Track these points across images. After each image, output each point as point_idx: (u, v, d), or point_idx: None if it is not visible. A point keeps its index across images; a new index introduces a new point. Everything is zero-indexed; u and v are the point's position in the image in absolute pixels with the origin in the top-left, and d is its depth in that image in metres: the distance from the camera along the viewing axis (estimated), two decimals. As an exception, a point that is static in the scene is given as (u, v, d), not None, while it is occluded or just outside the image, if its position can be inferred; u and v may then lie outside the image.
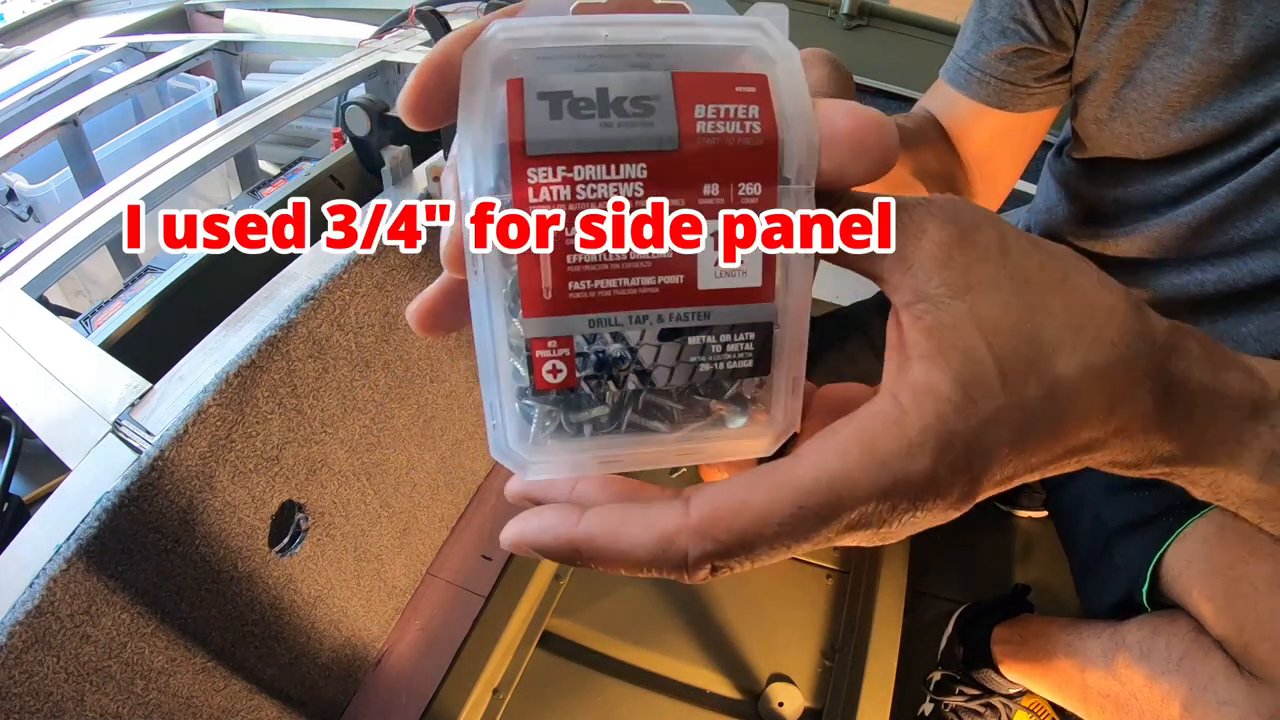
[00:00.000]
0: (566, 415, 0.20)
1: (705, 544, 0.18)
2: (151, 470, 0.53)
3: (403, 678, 0.88)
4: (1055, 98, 0.58)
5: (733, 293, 0.19)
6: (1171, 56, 0.48)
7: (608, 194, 0.18)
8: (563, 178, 0.18)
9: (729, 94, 0.18)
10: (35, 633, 0.48)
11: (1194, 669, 0.53)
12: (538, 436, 0.20)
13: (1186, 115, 0.50)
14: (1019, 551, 1.04)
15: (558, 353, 0.19)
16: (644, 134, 0.18)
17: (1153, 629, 0.57)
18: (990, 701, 0.81)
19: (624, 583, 0.97)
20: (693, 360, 0.20)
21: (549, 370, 0.19)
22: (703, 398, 0.21)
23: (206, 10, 1.80)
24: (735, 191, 0.18)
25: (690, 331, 0.19)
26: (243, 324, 0.63)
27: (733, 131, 0.18)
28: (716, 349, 0.19)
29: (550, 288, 0.18)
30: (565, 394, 0.19)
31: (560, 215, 0.18)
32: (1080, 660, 0.63)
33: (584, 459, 0.20)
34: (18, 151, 1.07)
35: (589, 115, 0.18)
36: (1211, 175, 0.52)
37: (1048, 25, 0.54)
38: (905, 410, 0.18)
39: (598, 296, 0.18)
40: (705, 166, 0.18)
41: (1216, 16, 0.45)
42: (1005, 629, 0.81)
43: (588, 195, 0.18)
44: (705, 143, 0.18)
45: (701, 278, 0.19)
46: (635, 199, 0.18)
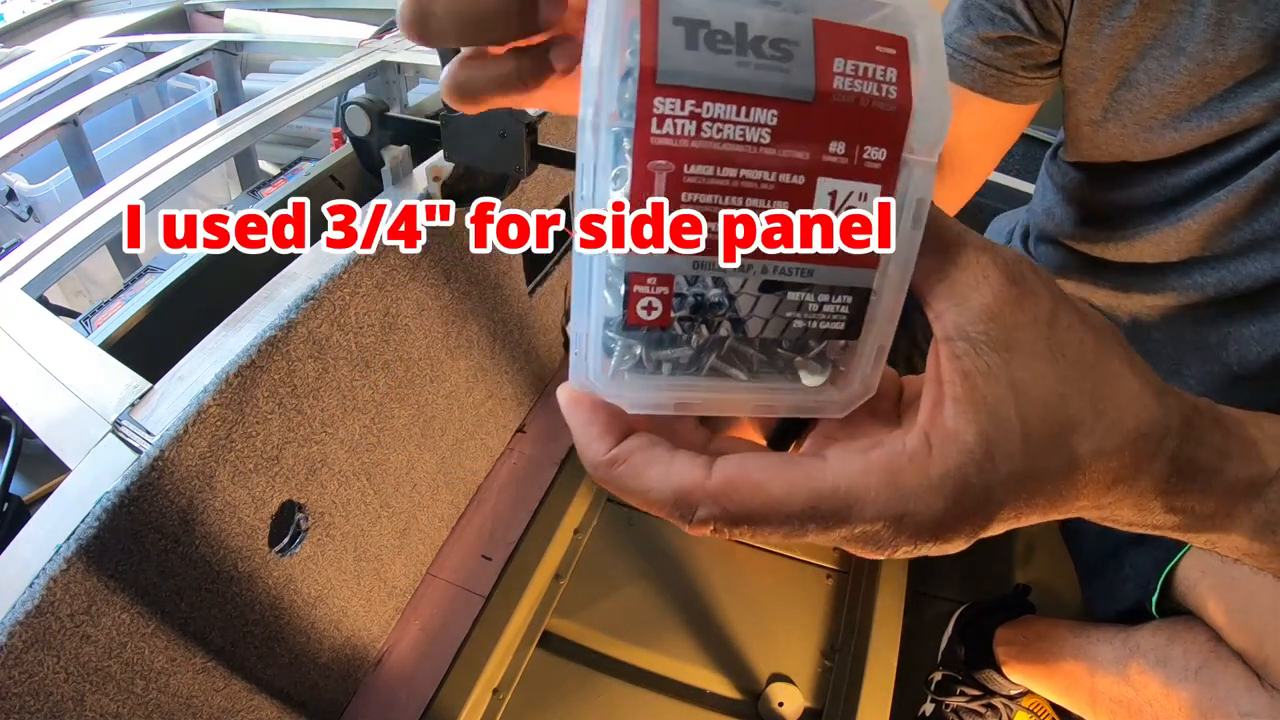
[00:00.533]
0: (648, 352, 0.20)
1: (715, 509, 0.19)
2: (151, 470, 0.53)
3: (403, 678, 0.88)
4: (1040, 92, 0.57)
5: (839, 255, 0.19)
6: (1167, 58, 0.48)
7: (733, 136, 0.17)
8: (690, 112, 0.17)
9: (869, 52, 0.18)
10: (35, 633, 0.48)
11: (1213, 679, 0.52)
12: (616, 369, 0.20)
13: (1182, 117, 0.50)
14: (1019, 551, 1.04)
15: (656, 290, 0.19)
16: (781, 80, 0.17)
17: (1169, 636, 0.57)
18: (992, 702, 0.81)
19: (624, 583, 0.97)
20: (788, 315, 0.20)
21: (644, 306, 0.19)
22: (785, 352, 0.21)
23: (206, 10, 1.80)
24: (861, 154, 0.18)
25: (791, 287, 0.19)
26: (243, 324, 0.63)
27: (868, 93, 0.18)
28: (813, 307, 0.20)
29: (660, 217, 0.18)
30: (653, 331, 0.19)
31: (681, 150, 0.17)
32: (1089, 664, 0.63)
33: (659, 397, 0.20)
34: (18, 151, 1.07)
35: (726, 50, 0.17)
36: (1210, 177, 0.51)
37: (1036, 14, 0.52)
38: (932, 452, 0.19)
39: (685, 234, 0.18)
40: (836, 124, 0.18)
41: (1212, 18, 0.45)
42: (1009, 630, 0.81)
43: (712, 134, 0.17)
44: (840, 100, 0.17)
45: (815, 237, 0.19)
46: (761, 145, 0.17)
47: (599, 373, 0.20)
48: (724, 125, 0.17)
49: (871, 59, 0.18)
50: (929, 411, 0.20)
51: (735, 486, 0.19)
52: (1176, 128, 0.50)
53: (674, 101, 0.17)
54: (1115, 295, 0.62)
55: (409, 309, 0.79)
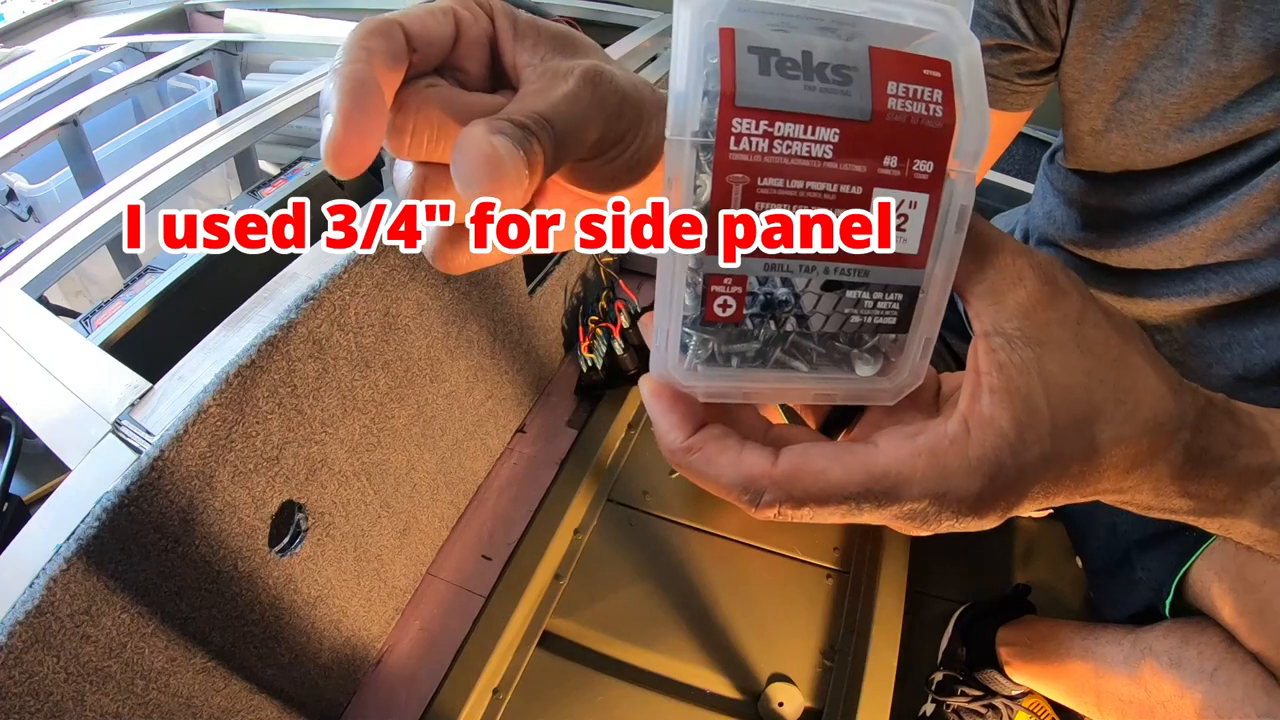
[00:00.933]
0: (720, 346, 0.22)
1: (780, 493, 0.21)
2: (151, 470, 0.53)
3: (403, 678, 0.88)
4: (1034, 99, 0.57)
5: (891, 256, 0.21)
6: (1170, 68, 0.48)
7: (801, 152, 0.19)
8: (764, 131, 0.19)
9: (918, 75, 0.20)
10: (35, 633, 0.48)
11: (1229, 680, 0.52)
12: (691, 362, 0.22)
13: (1186, 127, 0.49)
14: (1019, 551, 1.04)
15: (731, 290, 0.21)
16: (842, 102, 0.19)
17: (1182, 638, 0.56)
18: (993, 703, 0.81)
19: (624, 583, 0.97)
20: (846, 311, 0.22)
21: (720, 305, 0.21)
22: (842, 345, 0.23)
23: (206, 10, 1.80)
24: (911, 167, 0.20)
25: (849, 286, 0.21)
26: (243, 324, 0.63)
27: (917, 112, 0.20)
28: (868, 304, 0.22)
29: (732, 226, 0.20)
30: (726, 327, 0.22)
31: (755, 164, 0.19)
32: (1096, 664, 0.63)
33: (729, 386, 0.23)
34: (18, 151, 1.07)
35: (794, 76, 0.19)
36: (1214, 185, 0.51)
37: (1033, 23, 0.53)
38: (971, 436, 0.21)
39: (773, 239, 0.20)
40: (890, 141, 0.20)
41: (1215, 28, 0.45)
42: (1011, 630, 0.81)
43: (783, 151, 0.19)
44: (893, 119, 0.20)
45: (876, 238, 0.21)
46: (824, 160, 0.19)
47: (677, 365, 0.22)
48: (793, 142, 0.19)
49: (920, 81, 0.20)
50: (968, 400, 0.22)
51: (799, 473, 0.21)
52: (1180, 138, 0.50)
53: (750, 121, 0.19)
54: (1119, 300, 0.62)
55: (409, 309, 0.79)
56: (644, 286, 1.38)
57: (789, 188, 0.19)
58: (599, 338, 1.15)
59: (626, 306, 1.17)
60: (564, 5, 1.52)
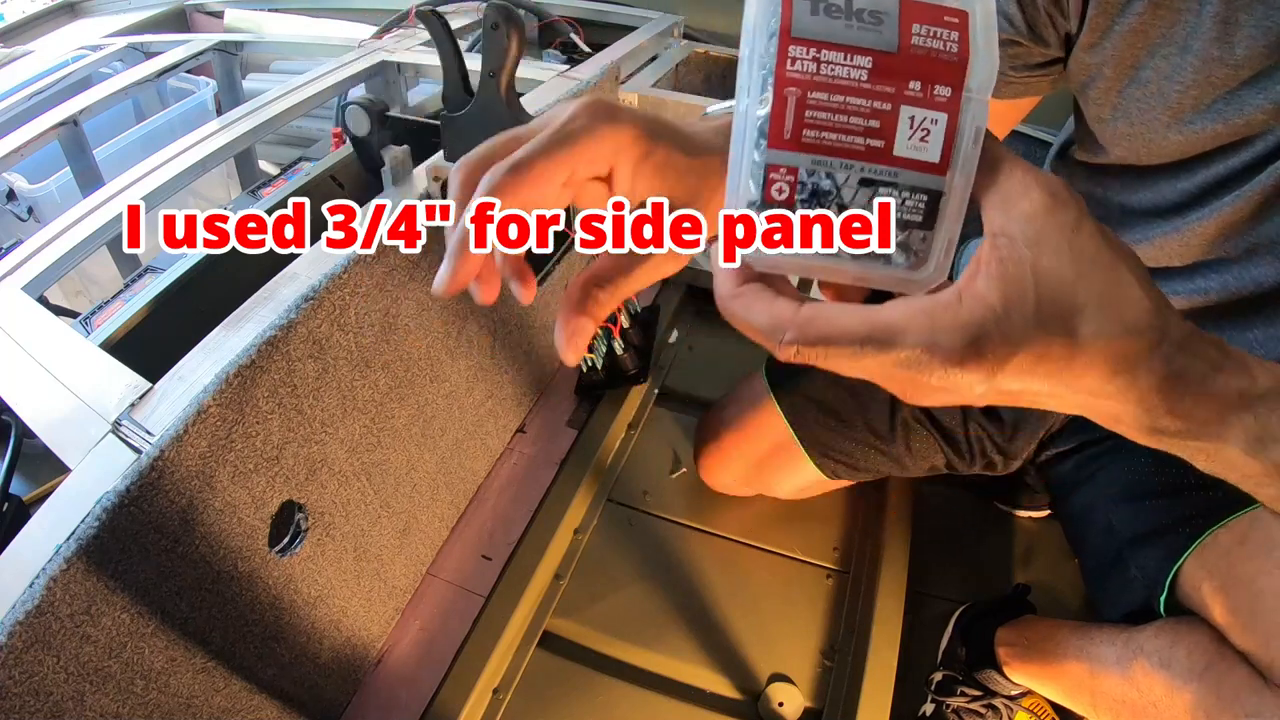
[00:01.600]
0: None
1: (797, 334, 0.26)
2: (151, 470, 0.53)
3: (403, 678, 0.88)
4: (1033, 89, 0.58)
5: (917, 163, 0.26)
6: (1175, 56, 0.48)
7: (841, 75, 0.25)
8: (812, 57, 0.25)
9: (939, 20, 0.25)
10: (35, 633, 0.48)
11: (1219, 680, 0.52)
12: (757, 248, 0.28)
13: (1187, 117, 0.50)
14: (1019, 552, 1.04)
15: (785, 178, 0.26)
16: (874, 38, 0.25)
17: (1172, 637, 0.56)
18: (992, 703, 0.81)
19: (624, 583, 0.97)
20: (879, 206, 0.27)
21: (775, 189, 0.26)
22: None
23: (206, 10, 1.80)
24: (931, 91, 0.25)
25: (882, 184, 0.26)
26: (243, 324, 0.63)
27: (936, 48, 0.25)
28: (898, 202, 0.26)
29: (790, 131, 0.26)
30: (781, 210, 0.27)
31: (805, 82, 0.25)
32: (1091, 664, 0.63)
33: (780, 261, 0.28)
34: (18, 151, 1.07)
35: (837, 17, 0.25)
36: (1215, 183, 0.51)
37: (1029, 18, 0.53)
38: (962, 303, 0.25)
39: (821, 144, 0.26)
40: (913, 69, 0.25)
41: (1219, 17, 0.45)
42: (1010, 630, 0.81)
43: (827, 73, 0.25)
44: (915, 52, 0.25)
45: (897, 147, 0.26)
46: (860, 82, 0.25)
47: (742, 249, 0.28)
48: (835, 66, 0.25)
49: (940, 25, 0.25)
50: (966, 279, 0.26)
51: (815, 318, 0.26)
52: (1181, 129, 0.50)
53: (802, 49, 0.25)
54: None
55: (409, 309, 0.79)
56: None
57: (832, 100, 0.25)
58: (599, 338, 1.15)
59: (627, 306, 1.17)
60: (564, 5, 1.52)
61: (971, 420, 0.83)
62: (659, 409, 1.20)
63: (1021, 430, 0.81)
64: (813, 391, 0.88)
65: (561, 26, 1.49)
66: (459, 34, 1.35)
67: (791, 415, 0.89)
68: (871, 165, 0.26)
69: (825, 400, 0.87)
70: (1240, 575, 0.54)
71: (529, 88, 1.04)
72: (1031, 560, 1.02)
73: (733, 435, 0.95)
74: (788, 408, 0.89)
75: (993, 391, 0.26)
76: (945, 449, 0.85)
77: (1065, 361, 0.26)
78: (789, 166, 0.26)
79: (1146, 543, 0.61)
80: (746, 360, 1.05)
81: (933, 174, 0.26)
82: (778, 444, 0.91)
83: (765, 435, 0.92)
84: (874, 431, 0.86)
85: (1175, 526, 0.59)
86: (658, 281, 1.48)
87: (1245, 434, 0.29)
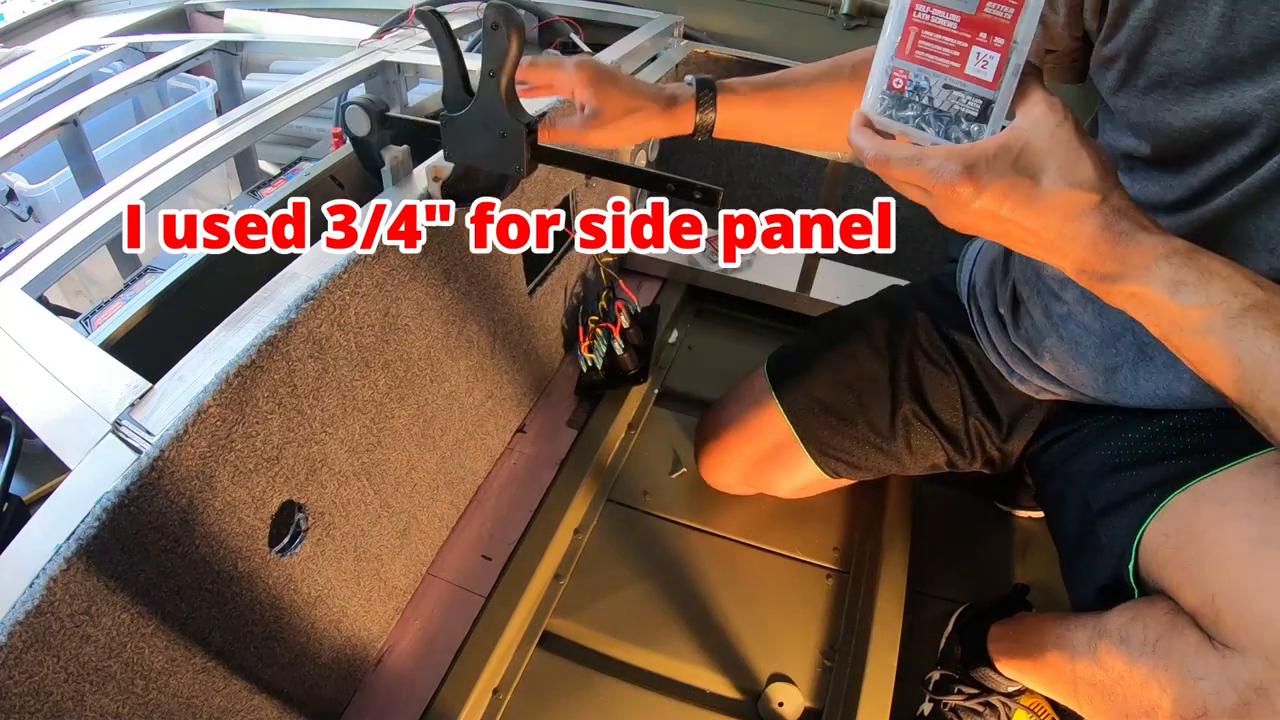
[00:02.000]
0: (895, 110, 0.49)
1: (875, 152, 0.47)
2: (151, 470, 0.53)
3: (403, 678, 0.88)
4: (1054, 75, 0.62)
5: (978, 80, 0.45)
6: (1182, 52, 0.50)
7: (941, 23, 0.45)
8: (927, 10, 0.45)
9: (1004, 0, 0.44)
10: (35, 633, 0.48)
11: (1168, 649, 0.52)
12: (879, 108, 0.50)
13: (1190, 106, 0.51)
14: (1019, 551, 1.04)
15: (903, 76, 0.48)
16: (963, 5, 0.44)
17: (1132, 614, 0.57)
18: (989, 700, 0.81)
19: (624, 583, 0.97)
20: (953, 100, 0.46)
21: (895, 81, 0.48)
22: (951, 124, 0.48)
23: (206, 10, 1.80)
24: (992, 39, 0.44)
25: (955, 88, 0.46)
26: (243, 324, 0.63)
27: (998, 14, 0.43)
28: (963, 100, 0.46)
29: (909, 50, 0.47)
30: (897, 94, 0.48)
31: (921, 25, 0.46)
32: (1069, 651, 0.63)
33: (890, 124, 0.49)
34: (18, 151, 1.07)
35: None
36: (1214, 179, 0.53)
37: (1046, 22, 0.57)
38: (972, 148, 0.45)
39: (925, 60, 0.46)
40: (981, 24, 0.44)
41: (1225, 15, 0.47)
42: (1001, 627, 0.81)
43: (933, 21, 0.45)
44: (986, 15, 0.44)
45: (967, 69, 0.45)
46: (951, 28, 0.45)
47: (872, 108, 0.50)
48: (937, 17, 0.45)
49: (1005, 3, 0.43)
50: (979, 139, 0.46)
51: (885, 144, 0.47)
52: (1183, 115, 0.52)
53: (923, 7, 0.45)
54: None
55: (409, 309, 0.79)
56: (644, 286, 1.38)
57: (933, 37, 0.45)
58: (599, 338, 1.15)
59: (626, 306, 1.17)
60: (564, 5, 1.52)
61: (971, 416, 0.83)
62: (659, 409, 1.20)
63: (1018, 426, 0.81)
64: (814, 390, 0.88)
65: (561, 26, 1.49)
66: (459, 34, 1.35)
67: (792, 414, 0.89)
68: (950, 77, 0.46)
69: (826, 399, 0.87)
70: (1192, 530, 0.54)
71: (529, 88, 1.04)
72: (1031, 560, 1.02)
73: (734, 433, 0.95)
74: (789, 406, 0.89)
75: (982, 210, 0.45)
76: (946, 446, 0.85)
77: (1029, 198, 0.44)
78: (904, 70, 0.47)
79: (1115, 511, 0.62)
80: (746, 360, 1.05)
81: (987, 89, 0.45)
82: (779, 442, 0.91)
83: (766, 434, 0.92)
84: (875, 429, 0.86)
85: (1144, 493, 0.59)
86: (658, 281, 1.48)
87: (1164, 279, 0.43)
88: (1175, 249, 0.43)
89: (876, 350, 0.87)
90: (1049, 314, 0.70)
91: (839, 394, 0.87)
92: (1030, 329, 0.73)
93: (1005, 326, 0.76)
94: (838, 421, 0.87)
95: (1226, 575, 0.50)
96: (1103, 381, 0.68)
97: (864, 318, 0.90)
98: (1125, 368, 0.65)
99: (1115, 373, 0.67)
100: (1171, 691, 0.51)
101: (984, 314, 0.80)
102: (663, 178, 0.65)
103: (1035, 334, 0.72)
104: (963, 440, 0.85)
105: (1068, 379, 0.72)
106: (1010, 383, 0.80)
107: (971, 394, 0.83)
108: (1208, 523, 0.53)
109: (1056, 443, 0.77)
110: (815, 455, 0.89)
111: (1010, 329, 0.76)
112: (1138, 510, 0.59)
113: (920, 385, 0.84)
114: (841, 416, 0.87)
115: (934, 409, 0.84)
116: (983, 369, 0.82)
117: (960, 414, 0.83)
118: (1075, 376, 0.70)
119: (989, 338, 0.80)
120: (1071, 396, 0.74)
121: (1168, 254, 0.43)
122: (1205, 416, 0.61)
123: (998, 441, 0.83)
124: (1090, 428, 0.73)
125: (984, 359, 0.82)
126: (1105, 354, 0.66)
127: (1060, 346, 0.70)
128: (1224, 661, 0.49)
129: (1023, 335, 0.74)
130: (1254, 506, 0.51)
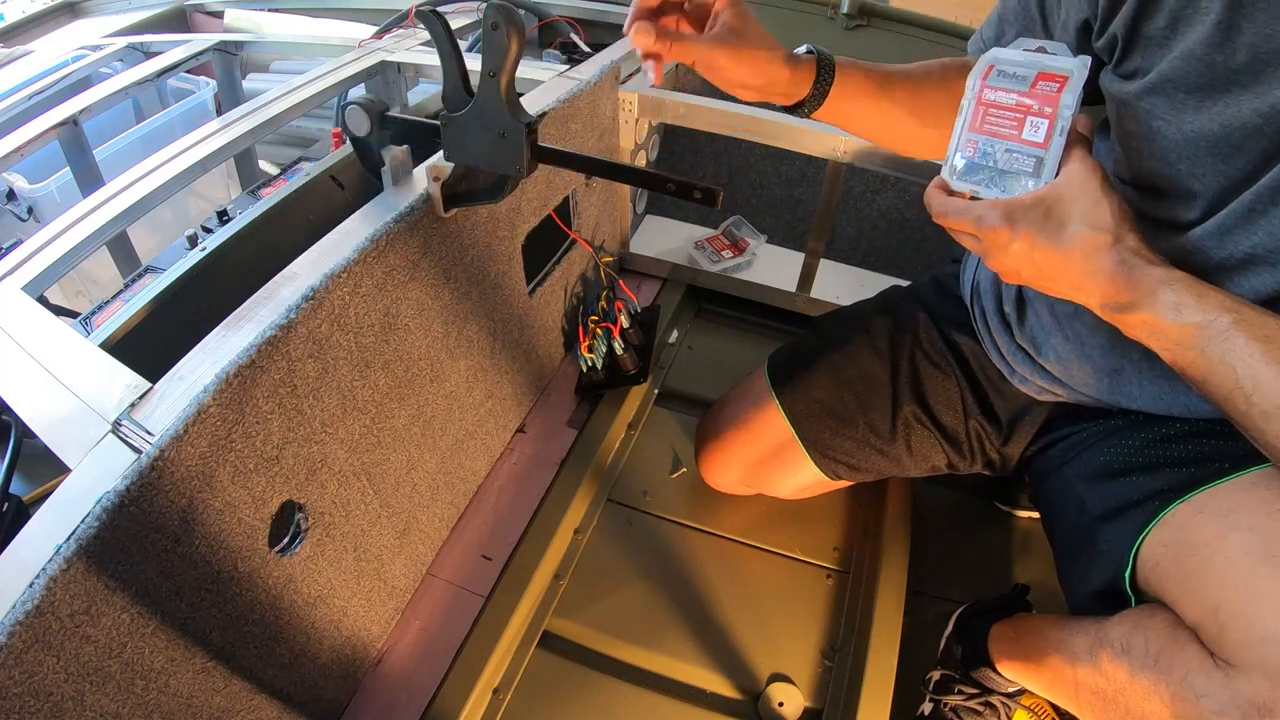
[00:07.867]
0: (969, 175, 0.55)
1: (939, 209, 0.55)
2: (151, 470, 0.53)
3: (403, 678, 0.88)
4: None
5: (1032, 142, 0.52)
6: (1180, 61, 0.50)
7: (1003, 101, 0.54)
8: (993, 91, 0.55)
9: (1052, 78, 0.52)
10: (35, 633, 0.48)
11: (1170, 664, 0.52)
12: (953, 172, 0.56)
13: (1187, 118, 0.51)
14: (1019, 551, 1.04)
15: (973, 145, 0.55)
16: (1020, 85, 0.53)
17: (1133, 625, 0.57)
18: (989, 700, 0.81)
19: (624, 583, 0.97)
20: (1013, 159, 0.53)
21: (970, 151, 0.55)
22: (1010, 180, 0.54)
23: (206, 10, 1.80)
24: (1042, 109, 0.52)
25: (1015, 151, 0.53)
26: (243, 324, 0.63)
27: (1048, 90, 0.52)
28: (1019, 160, 0.53)
29: (979, 124, 0.55)
30: (971, 161, 0.55)
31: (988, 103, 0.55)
32: (1069, 656, 0.63)
33: (965, 187, 0.56)
34: (18, 151, 1.07)
35: (1005, 73, 0.54)
36: (1214, 193, 0.53)
37: (1050, 30, 0.58)
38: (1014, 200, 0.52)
39: (991, 131, 0.54)
40: (1035, 97, 0.53)
41: (1221, 24, 0.47)
42: (1001, 627, 0.81)
43: (998, 100, 0.54)
44: (1038, 93, 0.52)
45: (1024, 134, 0.53)
46: (1011, 105, 0.54)
47: (949, 174, 0.56)
48: (1001, 96, 0.54)
49: (1053, 80, 0.52)
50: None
51: (948, 202, 0.55)
52: (1180, 127, 0.52)
53: (989, 90, 0.55)
54: None
55: (409, 309, 0.79)
56: (644, 286, 1.38)
57: (997, 113, 0.54)
58: (599, 338, 1.15)
59: (626, 306, 1.17)
60: (564, 5, 1.52)
61: (971, 418, 0.83)
62: (659, 409, 1.20)
63: (1018, 429, 0.81)
64: (814, 391, 0.88)
65: (561, 26, 1.49)
66: (459, 34, 1.35)
67: (793, 415, 0.89)
68: (1011, 142, 0.53)
69: (827, 400, 0.87)
70: (1194, 543, 0.54)
71: (529, 88, 1.04)
72: (1031, 560, 1.02)
73: (734, 434, 0.95)
74: (789, 407, 0.89)
75: (1019, 252, 0.51)
76: (946, 448, 0.85)
77: (1055, 239, 0.50)
78: (974, 140, 0.55)
79: (1116, 517, 0.61)
80: (746, 360, 1.05)
81: (1039, 148, 0.52)
82: (779, 443, 0.91)
83: (766, 435, 0.92)
84: (875, 431, 0.86)
85: (1144, 501, 0.59)
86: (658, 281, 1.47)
87: (1167, 303, 0.48)
88: (1175, 277, 0.48)
89: (877, 351, 0.87)
90: (1055, 312, 0.70)
91: (839, 395, 0.87)
92: (1035, 327, 0.73)
93: (1009, 325, 0.76)
94: (838, 423, 0.87)
95: (1229, 591, 0.50)
96: (1106, 383, 0.68)
97: (865, 318, 0.90)
98: (1129, 370, 0.65)
99: (1119, 375, 0.67)
100: (1174, 707, 0.51)
101: (988, 313, 0.79)
102: (663, 178, 0.65)
103: (1040, 333, 0.72)
104: (963, 442, 0.84)
105: (1070, 380, 0.72)
106: (1011, 384, 0.80)
107: (972, 396, 0.83)
108: (1209, 536, 0.53)
109: (1054, 445, 0.77)
110: (815, 457, 0.89)
111: (1015, 328, 0.76)
112: (1137, 518, 0.59)
113: (921, 387, 0.84)
114: (842, 418, 0.87)
115: (935, 411, 0.84)
116: (983, 371, 0.82)
117: (961, 416, 0.83)
118: (1078, 377, 0.70)
119: (991, 337, 0.80)
120: (1073, 398, 0.74)
121: (1169, 281, 0.48)
122: (1206, 425, 0.61)
123: (997, 444, 0.83)
124: (1089, 431, 0.73)
125: (985, 360, 0.82)
126: (1110, 355, 0.66)
127: (1065, 346, 0.70)
128: (1227, 679, 0.49)
129: (1027, 334, 0.74)
130: (1256, 520, 0.51)
